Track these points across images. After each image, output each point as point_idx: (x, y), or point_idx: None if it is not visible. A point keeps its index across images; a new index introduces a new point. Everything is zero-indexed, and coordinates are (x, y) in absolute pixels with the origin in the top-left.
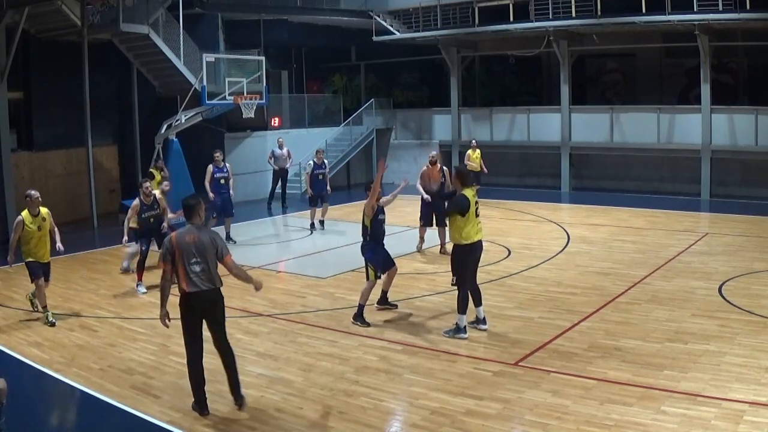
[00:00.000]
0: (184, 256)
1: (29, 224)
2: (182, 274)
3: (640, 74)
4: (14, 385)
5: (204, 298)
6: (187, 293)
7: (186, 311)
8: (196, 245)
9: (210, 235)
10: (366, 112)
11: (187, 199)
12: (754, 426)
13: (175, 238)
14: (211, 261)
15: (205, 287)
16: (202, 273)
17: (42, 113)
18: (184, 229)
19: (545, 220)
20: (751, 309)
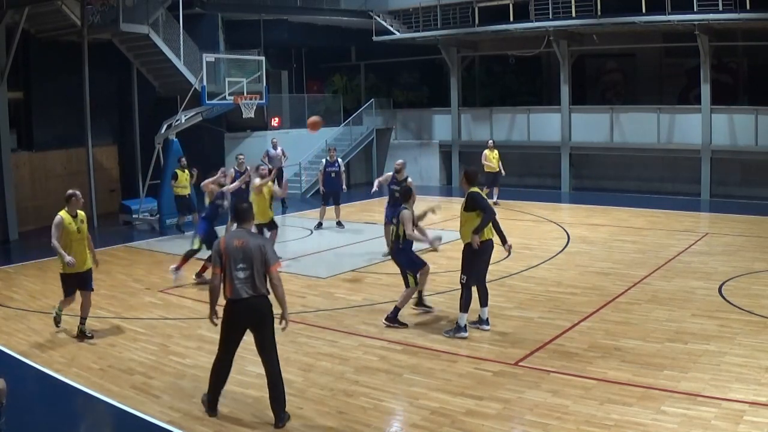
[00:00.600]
0: (231, 261)
1: (68, 224)
2: (227, 280)
3: (640, 74)
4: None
5: (246, 306)
6: (229, 300)
7: (226, 318)
8: (244, 250)
9: (259, 241)
10: (366, 112)
11: (240, 203)
12: (754, 426)
13: (224, 242)
14: (258, 268)
15: (248, 294)
16: (247, 280)
17: (42, 113)
18: (234, 232)
19: (545, 220)
20: (751, 309)
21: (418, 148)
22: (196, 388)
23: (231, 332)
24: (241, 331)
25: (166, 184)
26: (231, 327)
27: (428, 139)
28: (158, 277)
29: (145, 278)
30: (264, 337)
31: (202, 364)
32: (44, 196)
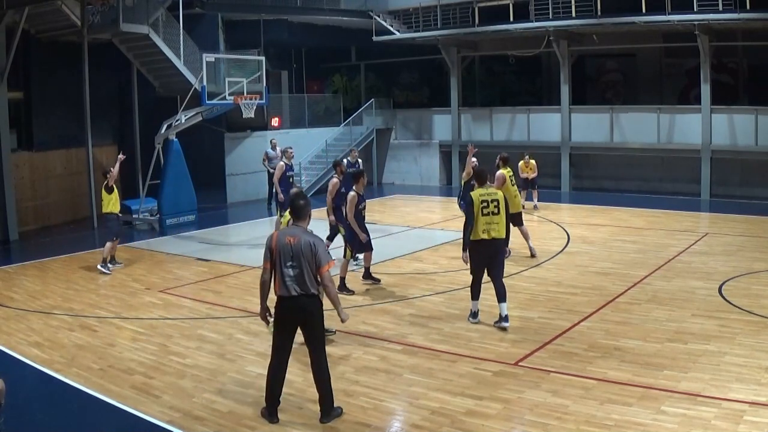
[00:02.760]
0: (281, 257)
1: None
2: (276, 277)
3: (640, 74)
4: (14, 385)
5: (294, 305)
6: (280, 297)
7: (277, 315)
8: (294, 248)
9: (311, 239)
10: (366, 112)
11: (297, 198)
12: (754, 426)
13: (276, 238)
14: (307, 266)
15: (296, 293)
16: (296, 278)
17: (42, 113)
18: (287, 229)
19: (545, 220)
20: (751, 309)
21: (418, 148)
22: (196, 388)
23: (281, 331)
24: (290, 330)
25: (167, 183)
26: (280, 325)
27: (428, 139)
28: (158, 277)
29: (145, 278)
30: (312, 336)
31: (202, 364)
32: (44, 196)
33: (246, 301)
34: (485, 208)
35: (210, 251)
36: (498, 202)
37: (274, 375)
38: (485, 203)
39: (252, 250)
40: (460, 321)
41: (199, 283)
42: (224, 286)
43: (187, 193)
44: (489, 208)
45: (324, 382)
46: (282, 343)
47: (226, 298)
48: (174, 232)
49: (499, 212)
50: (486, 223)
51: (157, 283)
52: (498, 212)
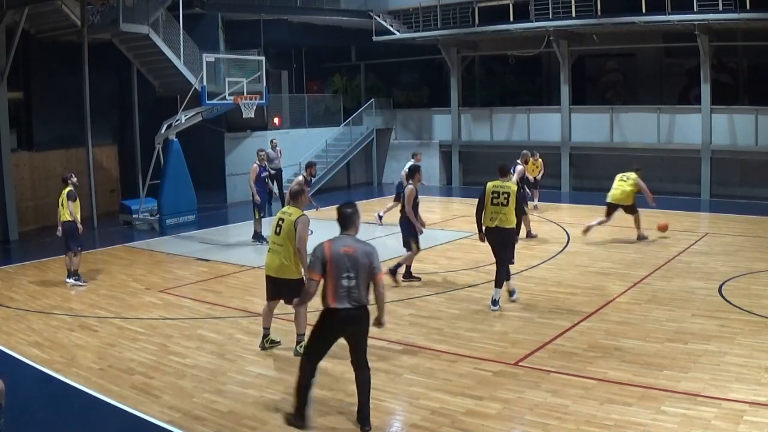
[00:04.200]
0: (337, 268)
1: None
2: (330, 288)
3: (640, 74)
4: (14, 385)
5: (347, 316)
6: (331, 309)
7: (324, 325)
8: (351, 258)
9: (368, 248)
10: (366, 112)
11: (344, 206)
12: (754, 426)
13: (330, 248)
14: (364, 277)
15: (352, 305)
16: (353, 289)
17: (42, 113)
18: (339, 238)
19: (545, 220)
20: (751, 309)
21: (418, 148)
22: (196, 388)
23: (324, 340)
24: (334, 339)
25: (167, 183)
26: (326, 335)
27: (428, 139)
28: (158, 277)
29: (145, 278)
30: (359, 347)
31: (202, 364)
32: (44, 196)
33: (246, 301)
34: (495, 198)
35: (210, 251)
36: (509, 194)
37: (307, 381)
38: (496, 194)
39: (252, 250)
40: (460, 321)
41: (199, 283)
42: (224, 286)
43: (187, 193)
44: (499, 198)
45: (366, 387)
46: (323, 350)
47: (226, 298)
48: (174, 232)
49: (508, 204)
50: (493, 212)
51: (157, 283)
52: (507, 204)
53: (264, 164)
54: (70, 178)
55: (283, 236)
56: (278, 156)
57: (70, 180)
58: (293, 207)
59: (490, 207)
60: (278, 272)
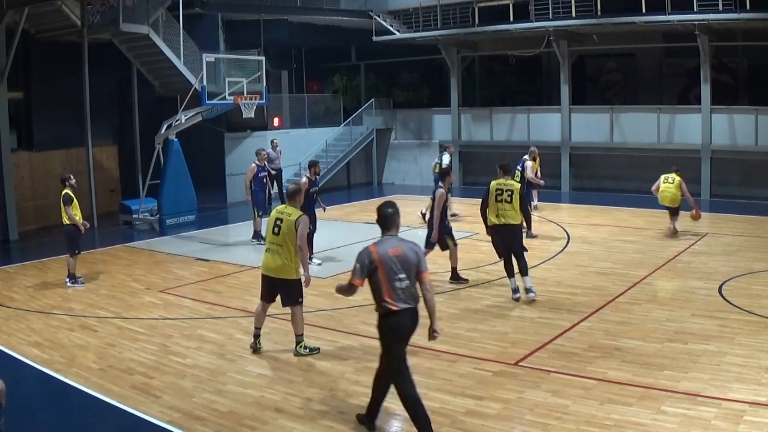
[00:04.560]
0: (388, 271)
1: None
2: (387, 291)
3: (640, 74)
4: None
5: (412, 316)
6: (396, 311)
7: (394, 333)
8: (400, 259)
9: (413, 246)
10: (366, 112)
11: (385, 207)
12: (754, 426)
13: (377, 252)
14: (413, 276)
15: (411, 305)
16: (407, 289)
17: (42, 113)
18: (384, 240)
19: (545, 220)
20: (751, 309)
21: (418, 148)
22: (196, 388)
23: (401, 342)
24: (406, 342)
25: (167, 183)
26: (399, 338)
27: (428, 139)
28: (158, 277)
29: (145, 278)
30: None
31: (202, 364)
32: (44, 196)
33: (246, 301)
34: (499, 196)
35: (210, 251)
36: (512, 192)
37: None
38: (500, 191)
39: (252, 250)
40: (460, 321)
41: (199, 283)
42: (224, 286)
43: (187, 193)
44: (503, 196)
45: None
46: (404, 356)
47: (226, 298)
48: (174, 232)
49: (511, 201)
50: (499, 209)
51: (157, 283)
52: (511, 201)
53: (263, 164)
54: (68, 180)
55: (282, 236)
56: (278, 156)
57: (68, 182)
58: (291, 207)
59: (495, 204)
60: (277, 272)
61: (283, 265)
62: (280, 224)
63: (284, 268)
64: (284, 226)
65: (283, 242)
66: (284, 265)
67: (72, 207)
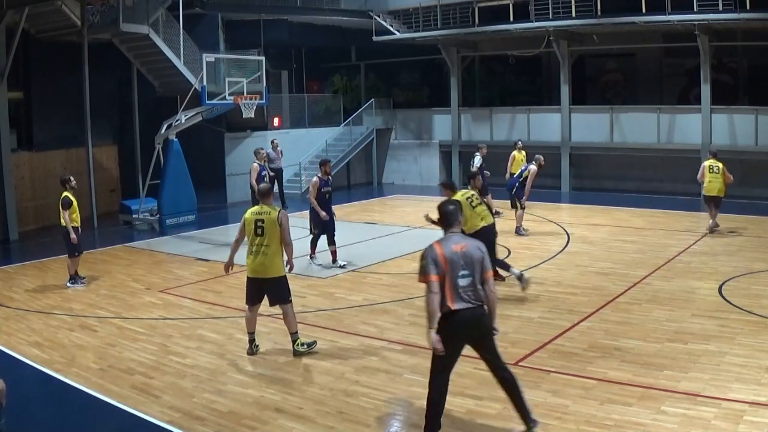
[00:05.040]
0: (452, 268)
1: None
2: (448, 290)
3: (640, 74)
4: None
5: (473, 316)
6: (454, 311)
7: (449, 331)
8: (465, 255)
9: (478, 243)
10: (366, 112)
11: (446, 204)
12: (754, 426)
13: (441, 248)
14: (478, 274)
15: (474, 304)
16: (470, 287)
17: (42, 113)
18: (448, 237)
19: (545, 220)
20: (751, 309)
21: (418, 148)
22: (196, 388)
23: (455, 346)
24: (462, 345)
25: (167, 183)
26: (453, 340)
27: (428, 139)
28: (158, 277)
29: (145, 278)
30: (490, 348)
31: (202, 364)
32: (44, 196)
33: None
34: (472, 203)
35: (210, 251)
36: (474, 196)
37: (441, 398)
38: (470, 199)
39: None
40: None
41: (199, 283)
42: (224, 286)
43: (187, 193)
44: (474, 202)
45: (515, 386)
46: (454, 359)
47: (226, 298)
48: (174, 232)
49: (481, 203)
50: (479, 213)
51: (157, 283)
52: (480, 203)
53: (263, 163)
54: (68, 182)
55: (267, 236)
56: (279, 156)
57: (68, 184)
58: (267, 205)
59: (473, 211)
60: (266, 272)
61: (271, 265)
62: (262, 224)
63: (273, 267)
64: (267, 225)
65: (269, 241)
66: (272, 264)
67: (71, 211)
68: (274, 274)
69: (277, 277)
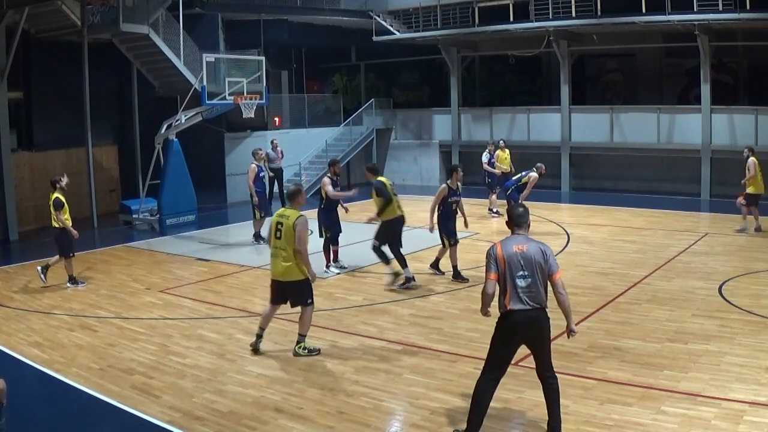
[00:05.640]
0: (511, 268)
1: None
2: (507, 290)
3: (640, 74)
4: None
5: (527, 318)
6: (510, 311)
7: (505, 331)
8: (524, 256)
9: (541, 245)
10: (366, 112)
11: (516, 206)
12: (754, 426)
13: (501, 248)
14: (539, 275)
15: (531, 306)
16: (529, 289)
17: (42, 113)
18: (511, 238)
19: (545, 220)
20: (751, 309)
21: (418, 148)
22: (196, 388)
23: (506, 347)
24: (516, 346)
25: (167, 183)
26: (507, 341)
27: (428, 139)
28: (158, 277)
29: (145, 278)
30: (543, 354)
31: (202, 364)
32: (44, 196)
33: (246, 301)
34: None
35: (210, 251)
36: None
37: (486, 394)
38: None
39: (252, 250)
40: (460, 321)
41: (199, 283)
42: (224, 286)
43: (187, 193)
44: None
45: (556, 397)
46: (506, 358)
47: (226, 298)
48: (174, 232)
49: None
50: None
51: (157, 283)
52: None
53: (263, 164)
54: (58, 182)
55: (284, 240)
56: (278, 156)
57: (58, 184)
58: (291, 209)
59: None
60: (285, 276)
61: (289, 268)
62: (281, 228)
63: (291, 271)
64: (284, 230)
65: (285, 245)
66: (290, 267)
67: (63, 211)
68: (293, 278)
69: (297, 280)
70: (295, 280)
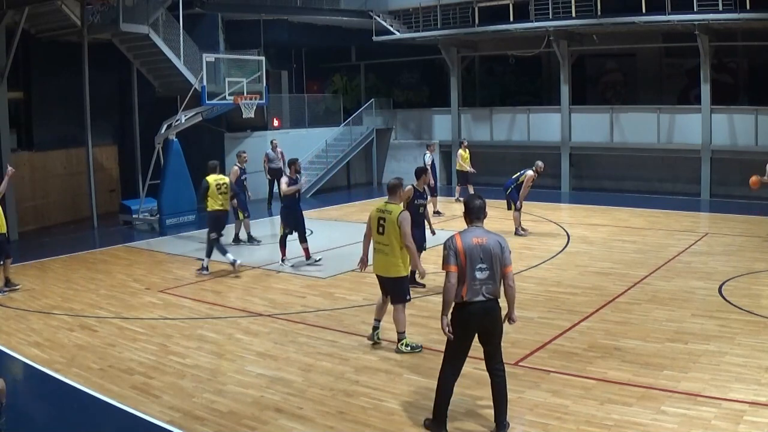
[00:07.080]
0: (471, 260)
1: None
2: (465, 281)
3: (640, 74)
4: (14, 385)
5: (484, 309)
6: (466, 302)
7: (461, 321)
8: (484, 249)
9: (498, 239)
10: (366, 112)
11: (473, 198)
12: (754, 426)
13: (461, 240)
14: (497, 267)
15: (486, 297)
16: (486, 281)
17: (42, 113)
18: (469, 230)
19: (545, 220)
20: (751, 309)
21: (418, 148)
22: (196, 388)
23: (464, 338)
24: (472, 336)
25: (167, 183)
26: (464, 331)
27: (428, 139)
28: (158, 277)
29: (145, 278)
30: (493, 343)
31: (202, 364)
32: (44, 196)
33: (246, 301)
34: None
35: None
36: (224, 184)
37: (448, 384)
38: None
39: (253, 250)
40: None
41: (199, 283)
42: (224, 286)
43: (187, 193)
44: (222, 189)
45: (503, 389)
46: (463, 350)
47: (226, 298)
48: (174, 232)
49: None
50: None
51: (157, 283)
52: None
53: (243, 167)
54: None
55: (387, 235)
56: (278, 157)
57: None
58: (392, 204)
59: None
60: (387, 271)
61: (390, 264)
62: (383, 223)
63: (393, 266)
64: (388, 225)
65: (389, 241)
66: (391, 263)
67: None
68: (393, 274)
69: (396, 277)
70: (395, 276)
